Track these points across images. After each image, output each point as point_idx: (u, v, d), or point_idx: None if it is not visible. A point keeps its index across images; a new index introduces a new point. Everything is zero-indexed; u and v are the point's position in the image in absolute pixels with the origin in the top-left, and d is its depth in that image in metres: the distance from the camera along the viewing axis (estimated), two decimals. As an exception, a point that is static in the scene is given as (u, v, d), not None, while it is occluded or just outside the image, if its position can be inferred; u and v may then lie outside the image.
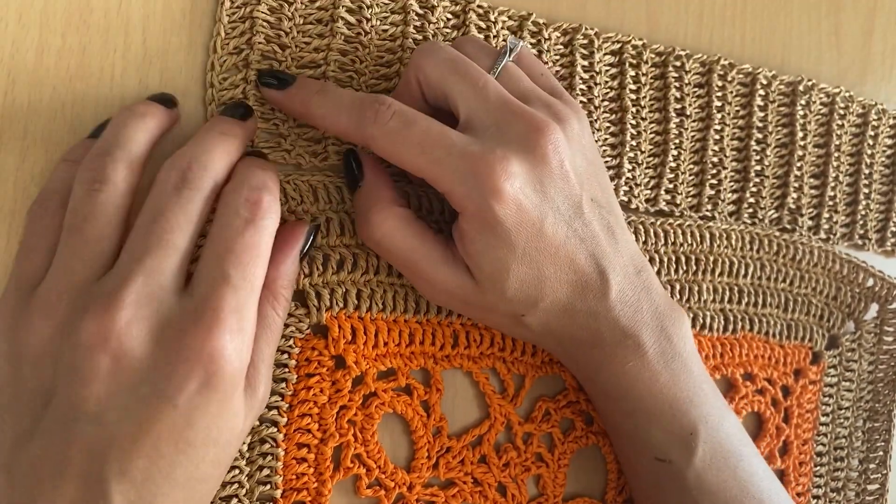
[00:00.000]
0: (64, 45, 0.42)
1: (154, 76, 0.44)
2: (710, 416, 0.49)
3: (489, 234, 0.43)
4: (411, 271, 0.46)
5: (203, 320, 0.36)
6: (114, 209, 0.37)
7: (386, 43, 0.49)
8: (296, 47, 0.47)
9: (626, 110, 0.57)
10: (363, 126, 0.43)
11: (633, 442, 0.51)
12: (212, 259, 0.37)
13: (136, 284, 0.35)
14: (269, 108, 0.46)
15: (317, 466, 0.47)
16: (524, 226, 0.43)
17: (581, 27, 0.55)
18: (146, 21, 0.44)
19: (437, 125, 0.43)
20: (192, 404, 0.35)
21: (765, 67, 0.62)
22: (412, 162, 0.43)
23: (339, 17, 0.48)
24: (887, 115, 0.68)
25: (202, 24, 0.45)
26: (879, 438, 0.67)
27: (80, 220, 0.36)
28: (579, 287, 0.46)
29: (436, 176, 0.43)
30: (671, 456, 0.49)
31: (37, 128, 0.42)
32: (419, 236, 0.45)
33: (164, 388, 0.35)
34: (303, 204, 0.47)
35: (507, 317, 0.48)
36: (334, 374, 0.48)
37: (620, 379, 0.48)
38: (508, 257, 0.44)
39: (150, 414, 0.35)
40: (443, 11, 0.51)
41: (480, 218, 0.43)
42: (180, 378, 0.35)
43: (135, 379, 0.35)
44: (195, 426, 0.36)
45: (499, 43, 0.53)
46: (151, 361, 0.35)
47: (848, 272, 0.65)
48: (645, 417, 0.49)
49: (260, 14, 0.46)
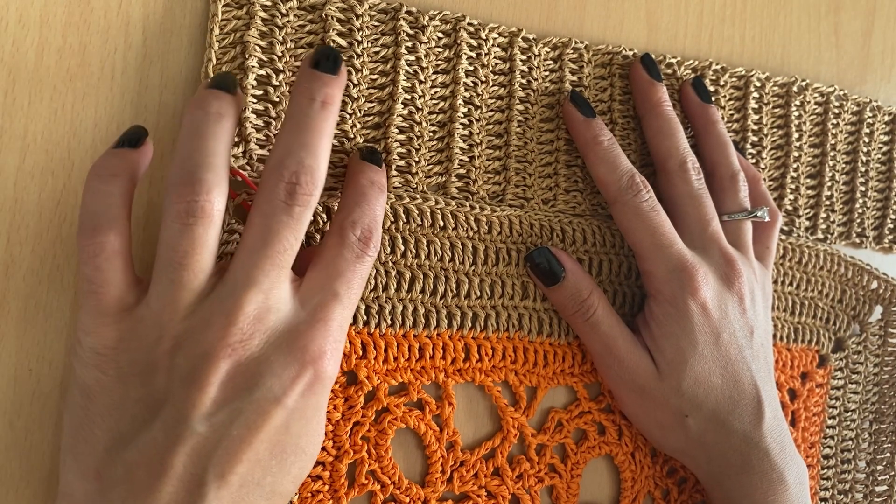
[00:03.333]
0: (64, 45, 0.41)
1: (154, 76, 0.44)
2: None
3: (675, 322, 0.51)
4: (608, 349, 0.52)
5: (315, 328, 0.39)
6: (213, 239, 0.38)
7: (378, 65, 0.48)
8: (289, 72, 0.46)
9: (615, 123, 0.56)
10: (624, 191, 0.51)
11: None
12: (323, 278, 0.41)
13: (257, 300, 0.38)
14: (264, 135, 0.45)
15: (332, 483, 0.47)
16: (705, 328, 0.51)
17: (571, 41, 0.54)
18: (146, 21, 0.43)
19: (669, 223, 0.52)
20: (296, 405, 0.38)
21: (758, 69, 0.62)
22: (640, 237, 0.51)
23: (331, 41, 0.46)
24: (882, 113, 0.68)
25: (202, 25, 0.45)
26: (886, 440, 0.67)
27: (181, 255, 0.37)
28: (739, 406, 0.52)
29: (651, 256, 0.51)
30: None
31: (37, 128, 0.41)
32: (618, 319, 0.52)
33: (276, 388, 0.38)
34: (313, 222, 0.46)
35: (673, 414, 0.52)
36: (347, 391, 0.47)
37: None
38: (689, 350, 0.51)
39: (259, 415, 0.37)
40: (433, 31, 0.50)
41: (673, 304, 0.51)
42: (290, 378, 0.38)
43: (250, 382, 0.37)
44: (291, 431, 0.39)
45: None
46: (266, 365, 0.38)
47: (852, 275, 0.65)
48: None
49: (251, 39, 0.44)
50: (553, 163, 0.54)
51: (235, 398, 0.37)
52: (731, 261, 0.52)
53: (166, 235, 0.37)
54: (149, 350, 0.37)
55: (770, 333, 0.56)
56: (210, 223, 0.37)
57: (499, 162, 0.52)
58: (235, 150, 0.44)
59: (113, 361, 0.37)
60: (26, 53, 0.40)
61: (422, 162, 0.49)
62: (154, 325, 0.37)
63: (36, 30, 0.41)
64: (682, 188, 0.54)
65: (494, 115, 0.52)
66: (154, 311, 0.37)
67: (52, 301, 0.41)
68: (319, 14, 0.46)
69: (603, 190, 0.53)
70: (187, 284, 0.37)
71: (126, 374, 0.37)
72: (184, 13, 0.44)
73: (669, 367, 0.51)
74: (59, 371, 0.42)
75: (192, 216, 0.37)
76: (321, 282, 0.40)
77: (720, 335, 0.51)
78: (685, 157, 0.54)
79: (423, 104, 0.49)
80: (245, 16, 0.44)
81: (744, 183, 0.56)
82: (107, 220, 0.37)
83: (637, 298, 0.56)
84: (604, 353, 0.52)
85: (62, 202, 0.41)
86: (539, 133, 0.53)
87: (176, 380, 0.36)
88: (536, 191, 0.53)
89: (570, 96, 0.53)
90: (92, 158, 0.42)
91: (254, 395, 0.37)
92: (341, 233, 0.41)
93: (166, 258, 0.37)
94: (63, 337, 0.42)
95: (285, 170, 0.39)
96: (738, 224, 0.56)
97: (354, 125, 0.47)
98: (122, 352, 0.37)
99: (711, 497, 0.55)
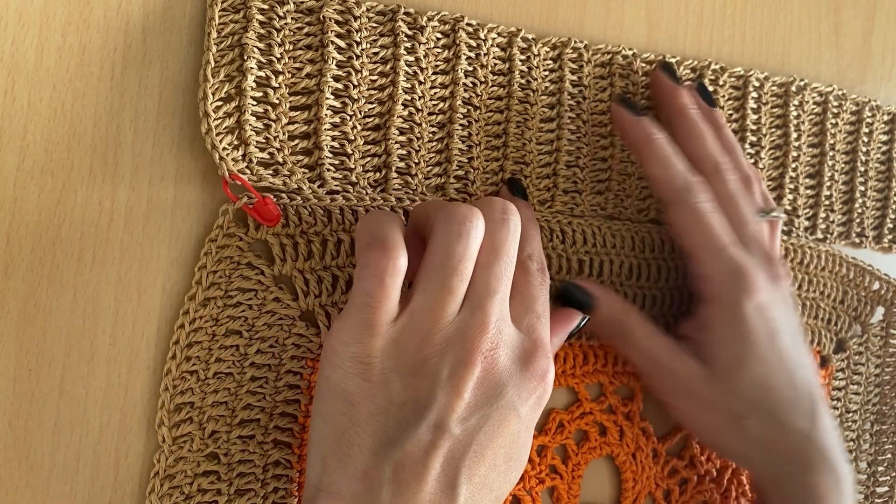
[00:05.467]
0: (64, 45, 0.41)
1: (154, 76, 0.43)
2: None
3: (731, 325, 0.51)
4: (653, 363, 0.53)
5: (536, 346, 0.43)
6: (476, 251, 0.42)
7: (377, 66, 0.48)
8: (288, 73, 0.45)
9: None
10: (684, 191, 0.52)
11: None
12: (524, 303, 0.44)
13: (496, 313, 0.41)
14: (264, 138, 0.45)
15: None
16: (762, 329, 0.51)
17: (570, 41, 0.54)
18: (146, 21, 0.43)
19: (725, 223, 0.53)
20: (527, 416, 0.42)
21: (756, 69, 0.62)
22: (695, 240, 0.52)
23: (330, 42, 0.46)
24: (881, 112, 0.68)
25: (202, 24, 0.44)
26: (887, 441, 0.67)
27: (456, 261, 0.41)
28: (796, 405, 0.52)
29: (707, 259, 0.52)
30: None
31: (37, 128, 0.41)
32: (655, 330, 0.53)
33: (514, 398, 0.41)
34: (315, 226, 0.46)
35: (729, 416, 0.52)
36: None
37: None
38: (746, 352, 0.51)
39: (501, 422, 0.40)
40: (432, 31, 0.49)
41: (730, 307, 0.51)
42: (528, 391, 0.41)
43: (495, 391, 0.40)
44: (519, 439, 0.42)
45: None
46: (508, 375, 0.41)
47: (854, 276, 0.65)
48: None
49: (249, 41, 0.44)
50: (552, 163, 0.54)
51: (484, 404, 0.40)
52: (773, 260, 0.53)
53: (444, 241, 0.41)
54: (412, 356, 0.40)
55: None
56: (478, 237, 0.41)
57: (497, 163, 0.52)
58: (235, 153, 0.44)
59: (376, 369, 0.40)
60: (26, 53, 0.40)
61: (421, 163, 0.49)
62: (417, 333, 0.40)
63: (35, 29, 0.40)
64: (718, 188, 0.54)
65: (493, 116, 0.52)
66: (418, 319, 0.40)
67: (52, 301, 0.41)
68: (317, 16, 0.46)
69: (658, 191, 0.54)
70: (455, 289, 0.41)
71: (390, 380, 0.40)
72: (184, 13, 0.44)
73: (725, 370, 0.52)
74: (58, 371, 0.42)
75: (465, 224, 0.41)
76: (524, 308, 0.44)
77: (775, 335, 0.52)
78: (717, 160, 0.54)
79: (423, 105, 0.49)
80: (242, 19, 0.44)
81: (758, 184, 0.56)
82: (395, 241, 0.40)
83: (638, 299, 0.56)
84: (650, 368, 0.54)
85: (62, 202, 0.41)
86: (538, 133, 0.53)
87: (439, 384, 0.39)
88: (534, 191, 0.53)
89: (618, 98, 0.54)
90: (92, 158, 0.42)
91: (498, 403, 0.40)
92: (523, 266, 0.45)
93: (440, 264, 0.41)
94: (63, 337, 0.42)
95: (507, 219, 0.43)
96: (759, 224, 0.56)
97: (355, 127, 0.47)
98: (385, 359, 0.40)
99: (768, 499, 0.55)
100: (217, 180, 0.44)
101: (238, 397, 0.45)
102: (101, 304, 0.42)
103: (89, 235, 0.42)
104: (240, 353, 0.45)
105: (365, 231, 0.41)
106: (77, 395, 0.42)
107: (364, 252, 0.40)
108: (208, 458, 0.44)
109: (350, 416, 0.39)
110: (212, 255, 0.44)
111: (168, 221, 0.44)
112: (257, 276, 0.45)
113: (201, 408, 0.44)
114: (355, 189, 0.47)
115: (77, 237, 0.42)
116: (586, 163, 0.55)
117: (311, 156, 0.46)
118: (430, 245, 0.42)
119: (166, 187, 0.44)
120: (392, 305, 0.40)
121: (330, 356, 0.40)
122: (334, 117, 0.46)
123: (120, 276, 0.43)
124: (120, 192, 0.43)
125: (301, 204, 0.46)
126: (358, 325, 0.40)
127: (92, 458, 0.42)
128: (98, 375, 0.42)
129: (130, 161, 0.43)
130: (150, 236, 0.43)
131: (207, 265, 0.44)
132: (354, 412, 0.39)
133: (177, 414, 0.43)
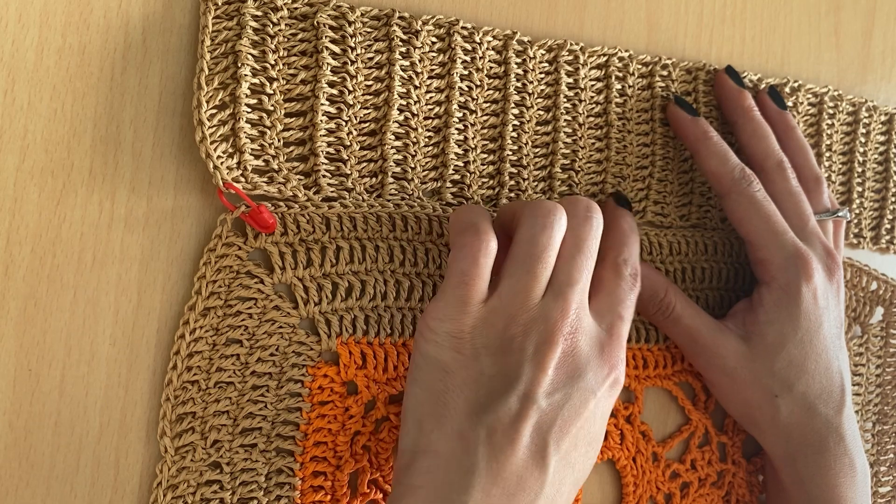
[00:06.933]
0: (64, 45, 0.41)
1: (154, 77, 0.43)
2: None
3: (784, 307, 0.54)
4: (693, 339, 0.55)
5: (613, 340, 0.46)
6: (559, 242, 0.45)
7: (373, 71, 0.48)
8: (282, 80, 0.45)
9: (610, 125, 0.56)
10: (737, 181, 0.55)
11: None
12: (609, 303, 0.47)
13: (576, 301, 0.44)
14: (259, 145, 0.45)
15: (333, 494, 0.47)
16: (811, 315, 0.54)
17: (566, 43, 0.54)
18: (146, 21, 0.43)
19: (780, 214, 0.55)
20: (602, 400, 0.45)
21: (751, 71, 0.62)
22: (754, 225, 0.55)
23: (324, 48, 0.46)
24: (878, 112, 0.68)
25: (202, 24, 0.44)
26: (889, 441, 0.67)
27: (541, 250, 0.44)
28: (826, 392, 0.55)
29: (766, 243, 0.55)
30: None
31: (37, 128, 0.41)
32: (697, 309, 0.56)
33: (592, 381, 0.44)
34: (314, 234, 0.46)
35: (763, 392, 0.55)
36: (346, 401, 0.47)
37: (832, 491, 0.55)
38: (789, 335, 0.54)
39: (582, 402, 0.43)
40: (427, 35, 0.49)
41: (786, 290, 0.54)
42: (603, 376, 0.45)
43: (576, 372, 0.44)
44: (595, 422, 0.45)
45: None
46: (586, 360, 0.44)
47: (852, 276, 0.65)
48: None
49: (243, 48, 0.44)
50: (548, 166, 0.54)
51: (567, 383, 0.43)
52: (832, 253, 0.56)
53: (530, 233, 0.44)
54: (500, 335, 0.43)
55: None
56: (561, 229, 0.45)
57: (493, 166, 0.52)
58: (229, 161, 0.44)
59: (468, 343, 0.43)
60: (26, 53, 0.40)
61: (417, 168, 0.49)
62: (504, 314, 0.43)
63: (35, 29, 0.40)
64: (781, 185, 0.57)
65: (489, 120, 0.52)
66: (505, 302, 0.44)
67: (52, 301, 0.41)
68: (311, 22, 0.46)
69: (715, 182, 0.56)
70: (539, 276, 0.44)
71: (480, 354, 0.43)
72: (184, 13, 0.44)
73: (766, 349, 0.54)
74: (58, 371, 0.42)
75: (552, 215, 0.45)
76: (608, 306, 0.47)
77: (822, 323, 0.54)
78: (782, 157, 0.57)
79: (419, 109, 0.49)
80: (236, 26, 0.44)
81: (826, 185, 0.60)
82: (487, 226, 0.44)
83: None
84: (691, 343, 0.56)
85: (62, 202, 0.41)
86: (534, 136, 0.53)
87: (526, 360, 0.43)
88: (531, 195, 0.53)
89: (674, 99, 0.57)
90: (92, 158, 0.42)
91: (579, 384, 0.43)
92: (616, 269, 0.49)
93: (525, 252, 0.44)
94: (63, 337, 0.42)
95: (593, 224, 0.47)
96: (823, 223, 0.59)
97: (350, 132, 0.47)
98: (476, 336, 0.43)
99: (781, 476, 0.57)
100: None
101: (240, 406, 0.45)
102: (101, 304, 0.42)
103: (89, 235, 0.42)
104: (241, 362, 0.45)
105: (459, 220, 0.45)
106: (77, 395, 0.42)
107: (459, 236, 0.44)
108: (211, 468, 0.44)
109: (445, 382, 0.43)
110: (211, 264, 0.44)
111: (168, 221, 0.44)
112: (257, 285, 0.45)
113: (203, 417, 0.44)
114: (351, 195, 0.47)
115: (77, 237, 0.42)
116: (582, 165, 0.55)
117: (307, 162, 0.46)
118: (517, 236, 0.45)
119: (166, 187, 0.44)
120: (483, 284, 0.44)
121: (426, 332, 0.44)
122: (330, 123, 0.46)
123: (120, 277, 0.43)
124: (120, 192, 0.43)
125: (300, 212, 0.46)
126: (453, 302, 0.43)
127: (92, 458, 0.42)
128: (98, 375, 0.42)
129: (130, 161, 0.43)
130: (150, 236, 0.43)
131: (206, 275, 0.44)
132: (449, 379, 0.43)
133: (179, 424, 0.43)
